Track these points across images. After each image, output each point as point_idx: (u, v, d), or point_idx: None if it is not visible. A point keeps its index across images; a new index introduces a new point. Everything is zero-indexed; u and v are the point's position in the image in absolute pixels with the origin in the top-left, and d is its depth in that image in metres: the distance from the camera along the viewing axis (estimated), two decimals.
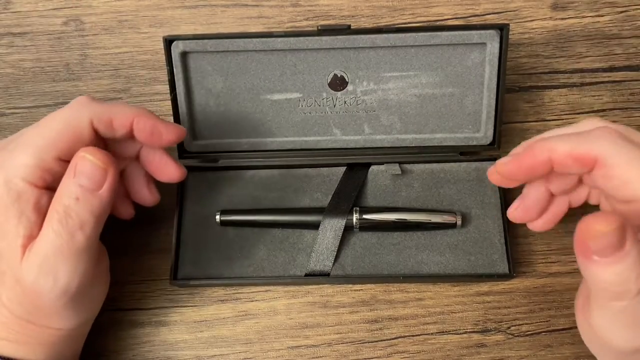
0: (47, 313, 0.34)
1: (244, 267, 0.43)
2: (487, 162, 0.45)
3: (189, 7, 0.52)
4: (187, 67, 0.42)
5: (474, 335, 0.41)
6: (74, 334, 0.37)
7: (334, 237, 0.42)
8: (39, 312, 0.34)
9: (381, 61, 0.42)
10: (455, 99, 0.43)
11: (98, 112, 0.34)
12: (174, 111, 0.43)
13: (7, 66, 0.50)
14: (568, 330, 0.41)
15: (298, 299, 0.43)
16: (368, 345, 0.41)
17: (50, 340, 0.35)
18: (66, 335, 0.36)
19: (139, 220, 0.44)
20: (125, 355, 0.42)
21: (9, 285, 0.33)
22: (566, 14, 0.51)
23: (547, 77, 0.49)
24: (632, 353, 0.32)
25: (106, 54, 0.51)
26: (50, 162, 0.33)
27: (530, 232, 0.44)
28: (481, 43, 0.41)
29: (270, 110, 0.44)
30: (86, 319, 0.37)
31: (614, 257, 0.28)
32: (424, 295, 0.43)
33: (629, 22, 0.50)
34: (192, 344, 0.42)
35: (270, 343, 0.42)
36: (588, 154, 0.32)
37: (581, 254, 0.30)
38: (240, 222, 0.44)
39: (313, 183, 0.45)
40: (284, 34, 0.41)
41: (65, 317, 0.35)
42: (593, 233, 0.28)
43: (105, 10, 0.52)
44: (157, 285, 0.43)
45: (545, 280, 0.43)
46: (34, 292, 0.32)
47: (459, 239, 0.43)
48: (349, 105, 0.44)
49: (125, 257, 0.44)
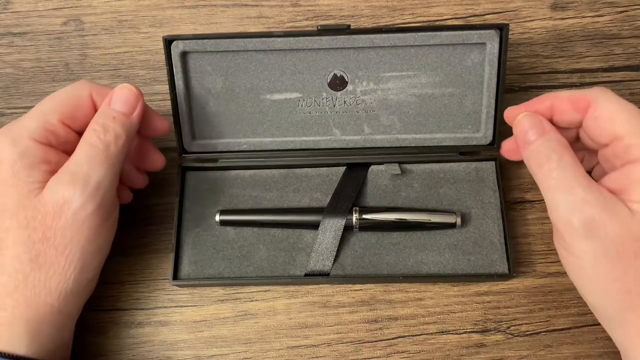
0: (58, 245, 0.35)
1: (243, 267, 0.43)
2: (486, 162, 0.45)
3: (189, 7, 0.52)
4: (186, 67, 0.42)
5: (474, 335, 0.42)
6: (64, 313, 0.36)
7: (334, 237, 0.42)
8: (50, 248, 0.35)
9: (381, 61, 0.42)
10: (455, 99, 0.43)
11: (97, 87, 0.39)
12: (174, 111, 0.43)
13: (7, 66, 0.50)
14: (568, 330, 0.41)
15: (298, 299, 0.43)
16: (368, 345, 0.41)
17: (38, 316, 0.35)
18: (56, 312, 0.36)
19: (139, 220, 0.45)
20: (124, 355, 0.42)
21: (17, 230, 0.35)
22: (566, 14, 0.51)
23: (546, 77, 0.49)
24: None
25: (106, 54, 0.51)
26: (55, 124, 0.37)
27: (530, 232, 0.44)
28: (481, 43, 0.41)
29: (270, 110, 0.44)
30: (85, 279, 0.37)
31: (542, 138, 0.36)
32: (423, 295, 0.43)
33: (629, 22, 0.50)
34: (192, 343, 0.42)
35: (269, 343, 0.42)
36: (584, 97, 0.37)
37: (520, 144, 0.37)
38: (240, 222, 0.44)
39: (313, 183, 0.45)
40: (283, 34, 0.41)
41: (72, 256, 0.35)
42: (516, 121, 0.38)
43: (105, 10, 0.52)
44: (157, 285, 0.43)
45: (545, 280, 0.43)
46: (58, 207, 0.35)
47: (458, 239, 0.43)
48: (348, 105, 0.44)
49: (125, 257, 0.44)
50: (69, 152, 0.37)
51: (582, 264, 0.34)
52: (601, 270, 0.34)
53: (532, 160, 0.36)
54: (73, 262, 0.36)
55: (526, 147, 0.37)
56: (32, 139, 0.36)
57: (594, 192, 0.34)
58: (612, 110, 0.36)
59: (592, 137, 0.38)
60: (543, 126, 0.37)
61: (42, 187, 0.35)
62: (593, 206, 0.33)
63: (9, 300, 0.35)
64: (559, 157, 0.35)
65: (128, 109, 0.38)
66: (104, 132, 0.37)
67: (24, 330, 0.35)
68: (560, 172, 0.34)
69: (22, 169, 0.35)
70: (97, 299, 0.42)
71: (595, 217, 0.33)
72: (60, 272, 0.35)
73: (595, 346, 0.41)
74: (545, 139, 0.36)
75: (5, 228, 0.35)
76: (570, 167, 0.34)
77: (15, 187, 0.35)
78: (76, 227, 0.35)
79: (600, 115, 0.36)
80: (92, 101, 0.38)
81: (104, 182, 0.36)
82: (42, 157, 0.36)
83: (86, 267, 0.37)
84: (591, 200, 0.33)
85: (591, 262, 0.34)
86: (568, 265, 0.36)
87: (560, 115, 0.38)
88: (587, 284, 0.35)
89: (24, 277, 0.35)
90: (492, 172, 0.45)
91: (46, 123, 0.37)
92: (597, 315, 0.37)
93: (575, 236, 0.34)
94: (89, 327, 0.42)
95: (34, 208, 0.35)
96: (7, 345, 0.34)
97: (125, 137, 0.37)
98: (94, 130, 0.37)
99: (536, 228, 0.44)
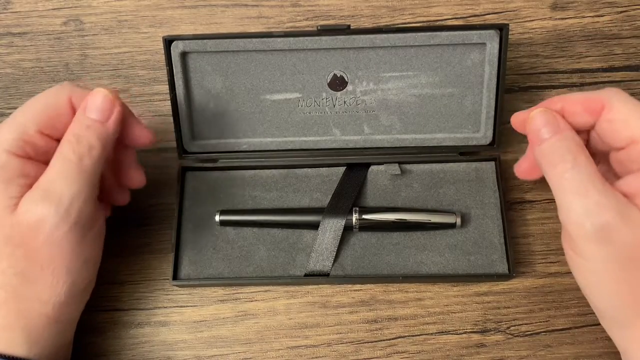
0: (42, 262, 0.34)
1: (243, 267, 0.43)
2: (486, 162, 0.45)
3: (188, 7, 0.52)
4: (186, 67, 0.42)
5: (474, 336, 0.42)
6: (61, 321, 0.36)
7: (334, 237, 0.42)
8: (34, 264, 0.34)
9: (381, 61, 0.42)
10: (455, 99, 0.43)
11: (77, 91, 0.37)
12: (174, 111, 0.43)
13: (7, 66, 0.50)
14: (567, 330, 0.41)
15: (298, 299, 0.43)
16: (367, 346, 0.41)
17: (34, 325, 0.34)
18: (52, 322, 0.35)
19: (139, 220, 0.45)
20: (124, 356, 0.42)
21: (0, 246, 0.33)
22: (566, 14, 0.51)
23: (546, 77, 0.49)
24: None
25: (106, 54, 0.51)
26: (32, 135, 0.35)
27: (530, 232, 0.44)
28: (481, 43, 0.41)
29: (270, 110, 0.44)
30: (77, 289, 0.36)
31: (557, 136, 0.35)
32: (423, 296, 0.43)
33: (629, 22, 0.50)
34: (192, 344, 0.42)
35: (269, 343, 0.42)
36: (596, 98, 0.36)
37: (533, 140, 0.36)
38: (239, 222, 0.44)
39: (313, 183, 0.45)
40: (283, 34, 0.41)
41: (59, 271, 0.34)
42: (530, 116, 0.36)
43: (105, 10, 0.52)
44: (157, 285, 0.43)
45: (545, 281, 0.43)
46: (33, 227, 0.33)
47: (458, 239, 0.43)
48: (348, 105, 0.44)
49: (125, 257, 0.44)
50: (48, 162, 0.35)
51: (591, 266, 0.34)
52: (610, 274, 0.33)
53: (545, 159, 0.35)
54: (62, 277, 0.34)
55: (539, 145, 0.35)
56: (8, 152, 0.34)
57: (609, 196, 0.33)
58: (626, 113, 0.35)
59: (606, 140, 0.37)
60: (558, 124, 0.35)
61: (18, 203, 0.34)
62: (608, 210, 0.32)
63: (2, 310, 0.34)
64: (573, 157, 0.34)
65: (102, 116, 0.36)
66: (77, 143, 0.35)
67: (22, 336, 0.34)
68: (575, 174, 0.33)
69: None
70: (97, 299, 0.41)
71: (610, 222, 0.32)
72: (49, 287, 0.34)
73: (595, 346, 0.41)
74: (560, 137, 0.35)
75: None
76: (585, 168, 0.33)
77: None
78: (55, 245, 0.34)
79: (615, 117, 0.35)
80: (72, 107, 0.36)
81: (79, 197, 0.34)
82: (19, 170, 0.34)
83: (77, 279, 0.35)
84: (606, 204, 0.32)
85: (601, 266, 0.33)
86: (575, 267, 0.36)
87: (572, 117, 0.37)
88: (594, 286, 0.35)
89: (13, 290, 0.34)
90: (492, 172, 0.45)
91: (23, 134, 0.35)
92: (601, 317, 0.37)
93: (587, 240, 0.33)
94: (89, 327, 0.42)
95: (11, 227, 0.33)
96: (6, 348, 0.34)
97: (101, 147, 0.35)
98: (68, 141, 0.35)
99: (536, 228, 0.44)
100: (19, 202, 0.34)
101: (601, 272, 0.34)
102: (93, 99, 0.36)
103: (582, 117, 0.36)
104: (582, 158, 0.34)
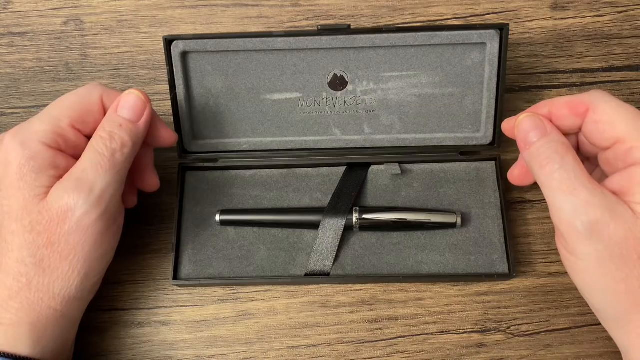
0: (62, 251, 0.35)
1: (243, 267, 0.43)
2: (487, 162, 0.45)
3: (189, 7, 0.52)
4: (187, 67, 0.42)
5: (474, 335, 0.42)
6: (67, 317, 0.36)
7: (334, 237, 0.42)
8: (54, 253, 0.35)
9: (381, 61, 0.42)
10: (455, 99, 0.43)
11: (108, 91, 0.39)
12: (174, 111, 0.43)
13: (7, 66, 0.50)
14: (568, 330, 0.41)
15: (298, 299, 0.43)
16: (368, 345, 0.41)
17: (41, 319, 0.35)
18: (59, 316, 0.36)
19: (139, 220, 0.44)
20: (124, 355, 0.42)
21: (22, 234, 0.35)
22: (566, 14, 0.51)
23: (546, 77, 0.49)
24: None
25: (106, 54, 0.51)
26: (65, 129, 0.37)
27: (531, 232, 0.44)
28: (481, 43, 0.41)
29: (270, 110, 0.44)
30: (88, 284, 0.37)
31: (544, 139, 0.36)
32: (423, 295, 0.43)
33: (629, 22, 0.50)
34: (192, 343, 0.42)
35: (270, 343, 0.42)
36: (582, 101, 0.37)
37: (522, 145, 0.37)
38: (240, 222, 0.44)
39: (313, 183, 0.45)
40: (284, 33, 0.41)
41: (76, 261, 0.35)
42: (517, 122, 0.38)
43: (105, 10, 0.52)
44: (157, 285, 0.43)
45: (545, 280, 0.43)
46: (62, 213, 0.35)
47: (458, 239, 0.43)
48: (348, 105, 0.44)
49: (125, 257, 0.44)
50: (77, 157, 0.37)
51: (585, 265, 0.34)
52: (604, 272, 0.34)
53: (534, 162, 0.36)
54: (77, 268, 0.36)
55: (528, 148, 0.37)
56: (41, 143, 0.36)
57: (597, 194, 0.33)
58: (611, 113, 0.36)
59: (592, 141, 0.37)
60: (545, 127, 0.37)
61: (48, 192, 0.35)
62: (597, 208, 0.33)
63: (13, 302, 0.35)
64: (561, 157, 0.35)
65: (135, 116, 0.38)
66: (110, 139, 0.36)
67: (27, 332, 0.35)
68: (563, 174, 0.34)
69: (30, 172, 0.35)
70: (97, 299, 0.41)
71: (599, 219, 0.33)
72: (63, 278, 0.35)
73: (595, 346, 0.41)
74: (547, 140, 0.36)
75: (12, 231, 0.35)
76: (572, 168, 0.34)
77: (21, 191, 0.35)
78: (80, 234, 0.35)
79: (600, 118, 0.36)
80: (103, 105, 0.38)
81: (108, 189, 0.36)
82: (51, 161, 0.36)
83: (90, 273, 0.36)
84: (595, 202, 0.33)
85: (594, 264, 0.34)
86: (570, 267, 0.36)
87: (560, 121, 0.38)
88: (590, 286, 0.35)
89: (28, 281, 0.35)
90: (492, 172, 0.45)
91: (56, 127, 0.36)
92: (599, 316, 0.37)
93: (579, 238, 0.34)
94: (89, 327, 0.42)
95: (39, 213, 0.35)
96: (10, 346, 0.34)
97: (132, 145, 0.37)
98: (100, 137, 0.36)
99: (536, 228, 0.44)
100: (48, 191, 0.35)
101: (595, 270, 0.34)
102: (126, 99, 0.38)
103: (568, 120, 0.37)
104: (569, 158, 0.35)
